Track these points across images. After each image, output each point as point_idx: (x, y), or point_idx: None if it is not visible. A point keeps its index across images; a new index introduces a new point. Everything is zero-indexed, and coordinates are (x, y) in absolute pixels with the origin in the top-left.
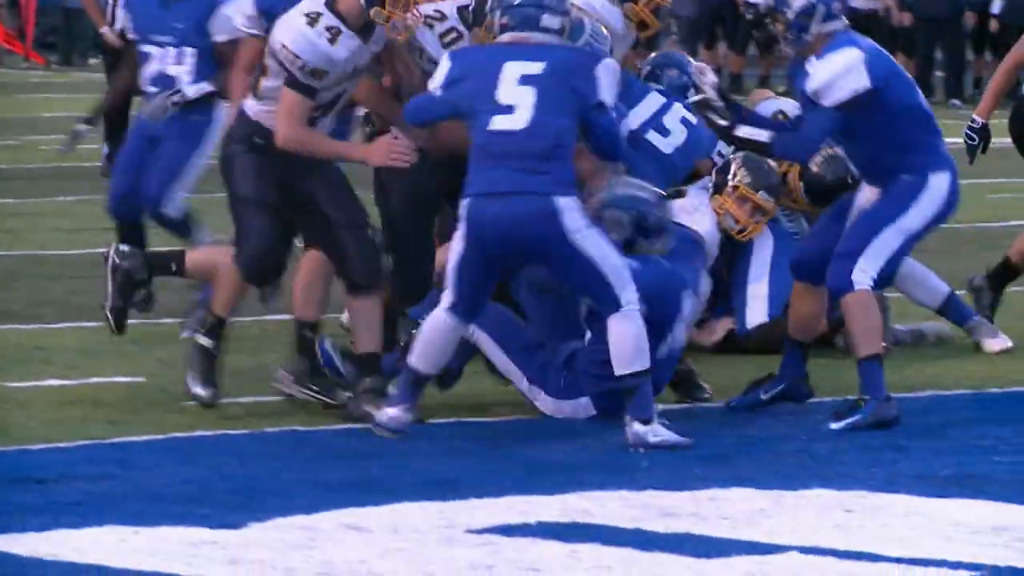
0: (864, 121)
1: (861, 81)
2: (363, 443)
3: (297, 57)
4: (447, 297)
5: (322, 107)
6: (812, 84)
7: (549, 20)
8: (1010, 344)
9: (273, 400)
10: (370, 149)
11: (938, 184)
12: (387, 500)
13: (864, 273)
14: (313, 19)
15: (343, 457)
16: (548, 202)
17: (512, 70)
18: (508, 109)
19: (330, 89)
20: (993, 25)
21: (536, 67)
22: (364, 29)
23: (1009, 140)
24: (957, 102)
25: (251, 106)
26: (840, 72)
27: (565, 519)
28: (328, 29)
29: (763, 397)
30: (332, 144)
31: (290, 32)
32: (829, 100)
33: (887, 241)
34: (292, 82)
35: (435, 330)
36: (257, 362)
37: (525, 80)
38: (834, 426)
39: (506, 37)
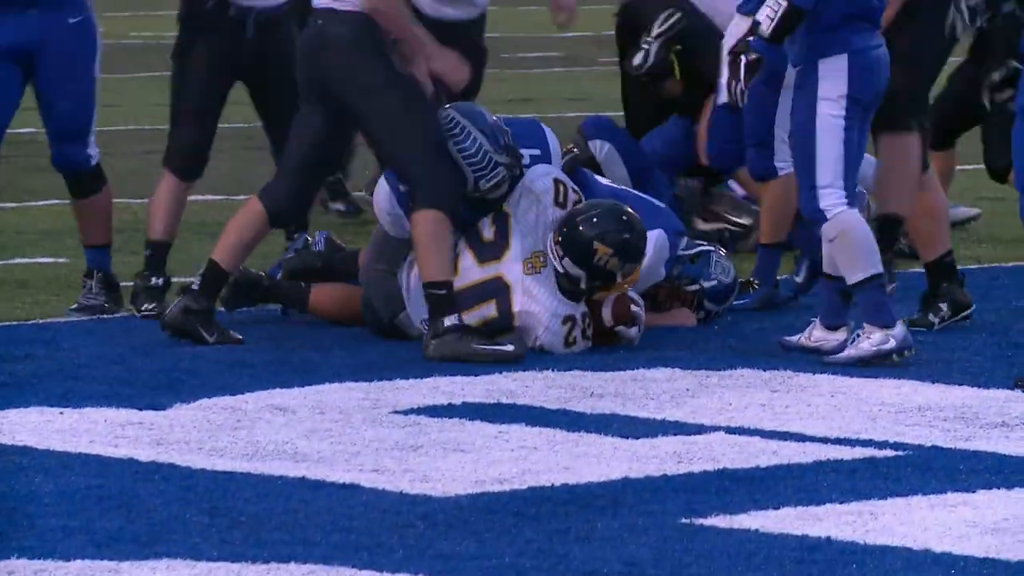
0: None
1: None
2: (285, 326)
3: None
4: (837, 190)
5: None
6: None
7: None
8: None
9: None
10: (443, 55)
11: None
12: (311, 381)
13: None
14: None
15: (267, 339)
16: None
17: None
18: None
19: None
20: None
21: None
22: None
23: None
24: None
25: None
26: None
27: (490, 400)
28: None
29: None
30: (410, 25)
31: None
32: None
33: None
34: None
35: (863, 233)
36: (184, 247)
37: None
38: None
39: None
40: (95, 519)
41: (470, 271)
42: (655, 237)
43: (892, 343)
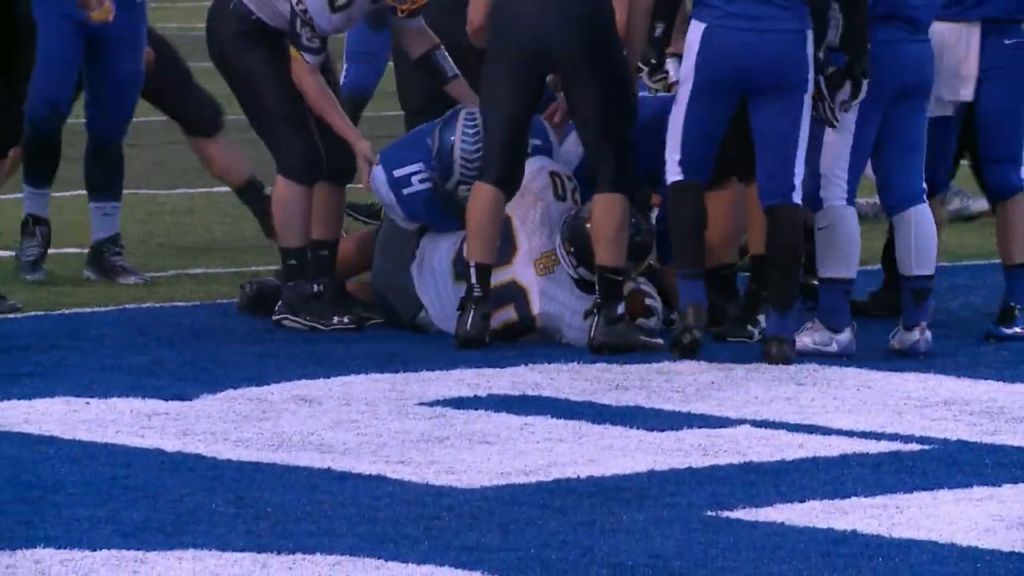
0: None
1: None
2: None
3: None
4: (840, 181)
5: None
6: None
7: None
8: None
9: (223, 271)
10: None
11: None
12: (337, 373)
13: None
14: None
15: (292, 329)
16: None
17: None
18: None
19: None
20: None
21: None
22: None
23: None
24: None
25: None
26: None
27: (516, 392)
28: None
29: None
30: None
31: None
32: None
33: None
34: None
35: (850, 234)
36: (209, 236)
37: None
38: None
39: None
40: (121, 509)
41: None
42: None
43: (834, 347)
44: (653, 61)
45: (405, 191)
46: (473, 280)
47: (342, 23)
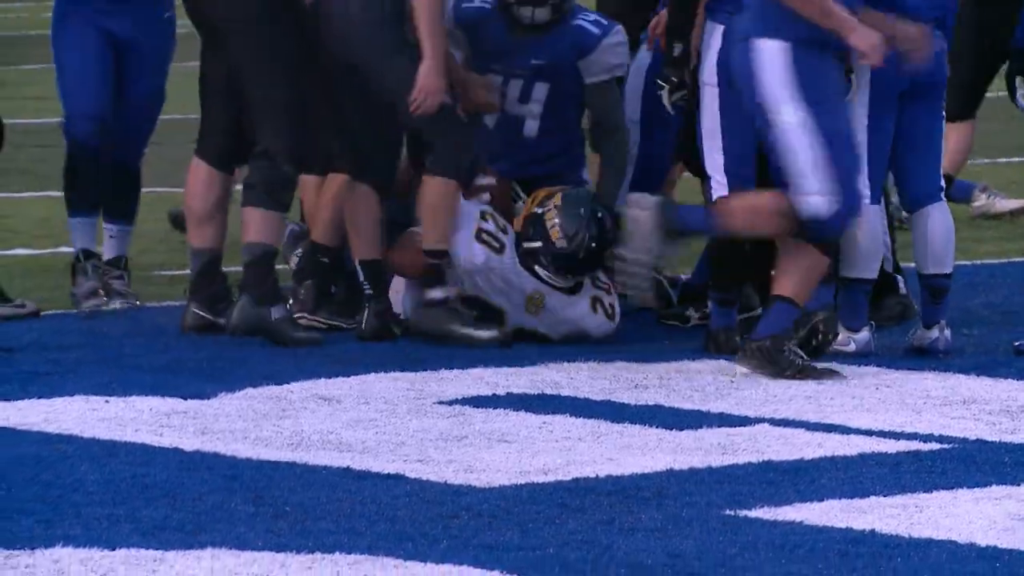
0: None
1: None
2: None
3: None
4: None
5: None
6: None
7: None
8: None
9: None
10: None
11: None
12: (356, 371)
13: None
14: None
15: (312, 328)
16: None
17: None
18: None
19: None
20: None
21: None
22: None
23: None
24: None
25: None
26: None
27: (535, 391)
28: None
29: None
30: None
31: None
32: None
33: None
34: None
35: (869, 234)
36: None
37: None
38: None
39: None
40: (140, 508)
41: None
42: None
43: (852, 346)
44: (674, 80)
45: None
46: (362, 278)
47: None
